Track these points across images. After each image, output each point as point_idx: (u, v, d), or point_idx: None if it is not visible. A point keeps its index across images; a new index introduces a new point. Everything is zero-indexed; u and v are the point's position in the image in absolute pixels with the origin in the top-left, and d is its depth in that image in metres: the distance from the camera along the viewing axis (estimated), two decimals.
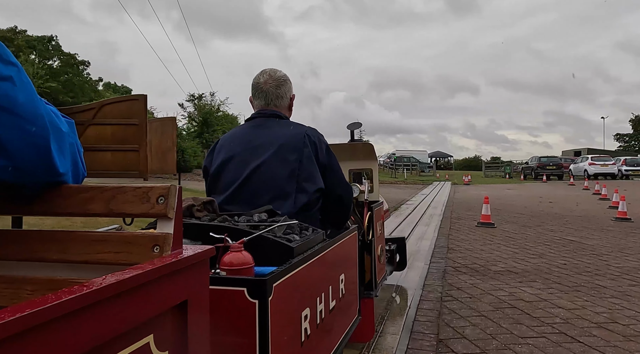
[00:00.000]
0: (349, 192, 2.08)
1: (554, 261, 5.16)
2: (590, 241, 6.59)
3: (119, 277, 0.60)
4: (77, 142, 0.95)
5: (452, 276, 4.51)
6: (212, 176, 1.91)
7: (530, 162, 32.52)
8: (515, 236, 6.96)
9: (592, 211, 10.64)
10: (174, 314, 0.71)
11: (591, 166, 27.53)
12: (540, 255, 5.51)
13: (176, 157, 14.87)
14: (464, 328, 3.08)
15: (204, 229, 1.36)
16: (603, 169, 27.28)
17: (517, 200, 14.07)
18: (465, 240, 6.59)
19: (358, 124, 3.26)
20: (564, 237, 6.87)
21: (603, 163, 27.68)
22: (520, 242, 6.43)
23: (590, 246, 6.18)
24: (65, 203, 0.84)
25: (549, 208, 11.41)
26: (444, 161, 62.40)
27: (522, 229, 7.72)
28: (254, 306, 1.08)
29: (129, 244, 0.78)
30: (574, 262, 5.14)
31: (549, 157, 32.61)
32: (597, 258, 5.33)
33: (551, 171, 29.46)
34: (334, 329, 1.65)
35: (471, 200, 14.00)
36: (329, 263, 1.61)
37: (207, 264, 0.81)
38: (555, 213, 10.22)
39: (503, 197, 15.17)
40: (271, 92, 1.96)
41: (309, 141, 1.86)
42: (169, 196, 0.77)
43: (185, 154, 22.50)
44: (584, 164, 28.62)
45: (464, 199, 14.79)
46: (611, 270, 4.76)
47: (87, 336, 0.55)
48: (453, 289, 4.02)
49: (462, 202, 13.55)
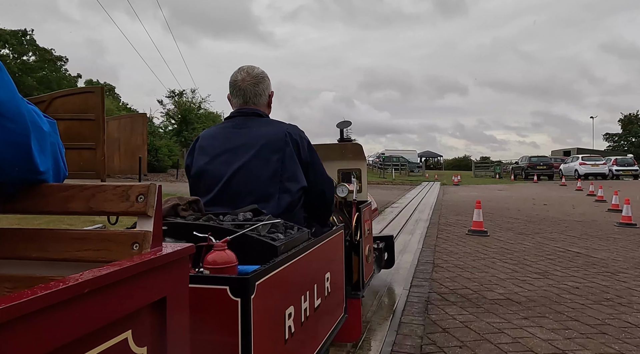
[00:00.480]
0: (331, 186, 2.13)
1: (563, 283, 4.27)
2: (599, 253, 5.74)
3: (96, 273, 0.61)
4: (59, 142, 0.96)
5: (437, 308, 3.51)
6: (194, 178, 1.91)
7: (520, 162, 32.04)
8: (511, 248, 6.12)
9: (591, 215, 9.91)
10: (152, 310, 0.73)
11: (582, 166, 27.11)
12: (545, 274, 4.64)
13: (147, 157, 14.28)
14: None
15: (189, 228, 1.37)
16: (594, 169, 26.84)
17: (510, 202, 13.15)
18: (455, 253, 5.74)
19: (347, 123, 3.29)
20: (568, 249, 6.03)
21: (594, 163, 27.24)
22: (519, 256, 5.55)
23: (600, 260, 5.30)
24: (45, 202, 0.85)
25: (545, 211, 10.70)
26: (434, 160, 61.97)
27: (518, 238, 6.89)
28: (236, 304, 1.09)
29: (109, 241, 0.79)
30: (587, 285, 4.22)
31: (539, 157, 32.04)
32: (613, 278, 4.46)
33: (541, 171, 28.96)
34: (319, 328, 1.66)
35: (461, 202, 13.15)
36: (314, 262, 1.63)
37: (187, 261, 0.82)
38: (553, 218, 9.51)
39: (495, 199, 14.18)
40: (249, 90, 1.96)
41: (290, 139, 1.87)
42: (149, 194, 0.78)
43: (159, 153, 21.78)
44: (574, 164, 28.17)
45: (454, 201, 13.81)
46: (636, 297, 3.81)
47: (64, 330, 0.56)
48: (437, 332, 2.99)
49: (452, 205, 12.61)
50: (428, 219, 9.11)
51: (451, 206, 12.33)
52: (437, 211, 10.85)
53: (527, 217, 9.59)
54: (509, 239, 6.87)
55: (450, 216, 9.96)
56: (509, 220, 9.13)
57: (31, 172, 0.85)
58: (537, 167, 29.04)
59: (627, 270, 4.81)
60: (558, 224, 8.59)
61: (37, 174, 0.86)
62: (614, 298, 3.79)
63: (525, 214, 10.24)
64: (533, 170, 28.82)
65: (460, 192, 18.13)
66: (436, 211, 10.84)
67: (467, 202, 12.77)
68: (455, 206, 12.09)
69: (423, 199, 14.51)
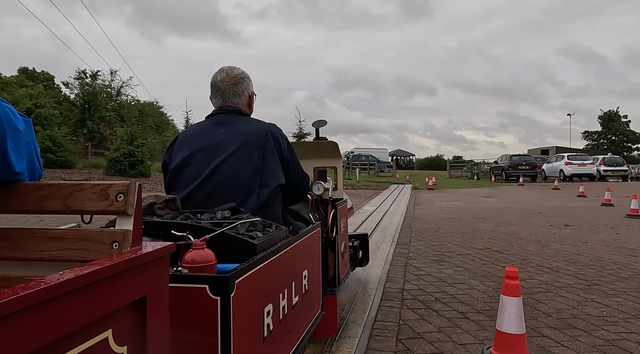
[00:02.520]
0: (308, 180, 2.28)
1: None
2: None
3: (77, 273, 0.60)
4: (34, 141, 0.94)
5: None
6: (172, 173, 1.90)
7: (500, 162, 28.39)
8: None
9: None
10: (132, 309, 0.72)
11: (568, 166, 24.37)
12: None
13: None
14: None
15: (166, 227, 1.36)
16: (581, 169, 24.12)
17: (513, 221, 8.32)
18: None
19: (323, 122, 3.30)
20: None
21: (581, 162, 24.48)
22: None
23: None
24: (21, 200, 0.83)
25: (584, 246, 5.84)
26: (406, 160, 58.16)
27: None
28: (215, 303, 1.09)
29: (87, 241, 0.78)
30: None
31: (522, 156, 28.60)
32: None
33: (524, 171, 25.62)
34: (297, 325, 1.68)
35: (440, 221, 8.28)
36: (292, 260, 1.64)
37: (167, 260, 0.82)
38: (612, 262, 4.87)
39: (488, 214, 9.43)
40: (228, 91, 1.97)
41: (271, 137, 1.90)
42: (129, 193, 0.77)
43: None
44: (559, 163, 25.36)
45: (429, 217, 8.93)
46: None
47: (44, 330, 0.56)
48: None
49: (427, 224, 7.88)
50: (381, 282, 3.97)
51: (426, 227, 7.47)
52: (403, 239, 6.20)
53: (564, 259, 4.99)
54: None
55: (426, 252, 5.38)
56: (538, 271, 4.43)
57: (6, 173, 0.83)
58: (519, 167, 25.91)
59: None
60: (632, 279, 4.20)
61: (13, 175, 0.84)
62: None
63: (559, 255, 5.26)
64: (515, 171, 25.77)
65: (438, 201, 12.99)
66: (402, 239, 6.20)
67: (448, 220, 8.51)
68: (432, 228, 7.35)
69: (387, 213, 9.68)
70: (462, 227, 7.42)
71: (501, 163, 27.59)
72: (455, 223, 8.06)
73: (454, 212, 9.92)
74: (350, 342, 2.67)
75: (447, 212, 9.96)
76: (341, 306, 3.25)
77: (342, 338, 2.72)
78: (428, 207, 11.26)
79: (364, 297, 3.56)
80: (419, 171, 44.03)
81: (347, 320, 3.03)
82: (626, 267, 4.71)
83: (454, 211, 10.21)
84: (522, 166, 25.97)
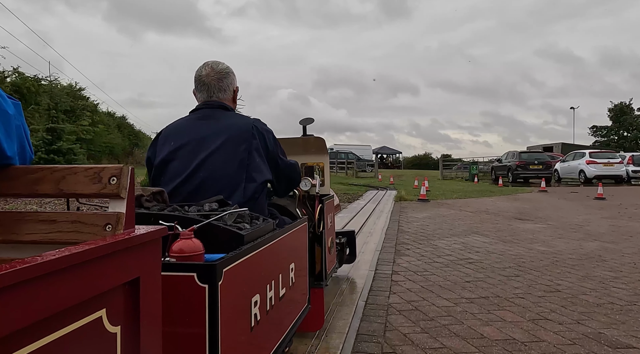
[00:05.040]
0: (297, 170, 2.26)
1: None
2: None
3: (72, 250, 0.62)
4: (24, 124, 0.94)
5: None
6: (157, 167, 1.89)
7: (504, 160, 22.80)
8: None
9: None
10: (126, 290, 0.73)
11: (590, 166, 19.13)
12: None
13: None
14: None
15: (154, 218, 1.37)
16: (607, 169, 18.95)
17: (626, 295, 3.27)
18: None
19: (310, 120, 3.32)
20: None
21: (607, 161, 19.25)
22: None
23: None
24: (13, 184, 0.83)
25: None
26: (393, 158, 52.75)
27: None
28: (203, 290, 1.11)
29: (80, 223, 0.79)
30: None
31: (532, 153, 22.78)
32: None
33: (537, 172, 20.42)
34: (284, 316, 1.70)
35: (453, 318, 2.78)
36: (279, 252, 1.66)
37: (159, 243, 0.83)
38: None
39: (563, 281, 3.71)
40: (213, 85, 1.97)
41: (256, 132, 1.91)
42: (122, 176, 0.78)
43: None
44: (577, 162, 20.03)
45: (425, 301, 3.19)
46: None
47: (40, 305, 0.57)
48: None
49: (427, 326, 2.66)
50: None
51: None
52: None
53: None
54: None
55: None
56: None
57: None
58: (530, 167, 20.70)
59: None
60: None
61: (4, 160, 0.85)
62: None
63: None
64: (525, 171, 20.70)
65: (441, 238, 6.00)
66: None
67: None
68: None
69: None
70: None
71: (506, 162, 22.26)
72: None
73: (490, 288, 3.62)
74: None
75: (474, 287, 3.66)
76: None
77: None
78: (420, 253, 4.96)
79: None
80: (405, 171, 39.44)
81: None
82: None
83: (487, 283, 3.76)
84: (534, 166, 20.72)
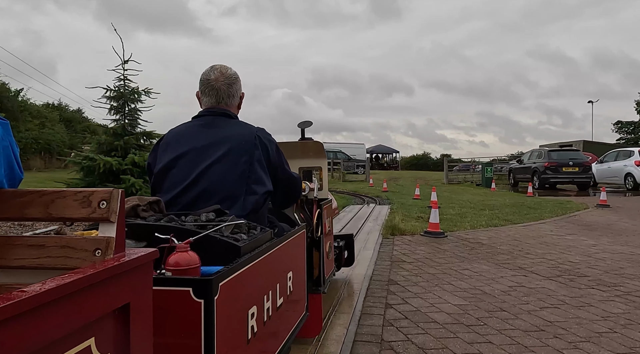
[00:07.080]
0: (299, 182, 2.20)
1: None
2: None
3: (59, 282, 0.60)
4: (13, 143, 0.92)
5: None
6: (157, 175, 1.87)
7: (526, 160, 18.21)
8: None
9: None
10: (115, 317, 0.72)
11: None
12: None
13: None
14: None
15: (150, 230, 1.35)
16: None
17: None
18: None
19: (309, 123, 3.31)
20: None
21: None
22: None
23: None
24: (1, 208, 0.82)
25: None
26: (389, 157, 47.87)
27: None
28: (199, 305, 1.10)
29: (69, 248, 0.77)
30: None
31: (564, 152, 17.54)
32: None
33: (572, 176, 16.09)
34: (281, 326, 1.69)
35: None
36: (277, 262, 1.64)
37: (150, 266, 0.82)
38: None
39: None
40: (223, 90, 1.93)
41: (259, 142, 1.87)
42: (111, 200, 0.77)
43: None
44: (621, 163, 15.82)
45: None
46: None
47: (26, 340, 0.56)
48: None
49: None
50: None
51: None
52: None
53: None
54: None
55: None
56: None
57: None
58: (562, 168, 16.10)
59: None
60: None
61: None
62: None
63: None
64: (558, 175, 16.12)
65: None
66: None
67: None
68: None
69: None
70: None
71: (530, 163, 17.62)
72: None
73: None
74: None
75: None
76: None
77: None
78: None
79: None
80: (403, 172, 35.19)
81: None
82: None
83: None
84: (567, 168, 16.11)
